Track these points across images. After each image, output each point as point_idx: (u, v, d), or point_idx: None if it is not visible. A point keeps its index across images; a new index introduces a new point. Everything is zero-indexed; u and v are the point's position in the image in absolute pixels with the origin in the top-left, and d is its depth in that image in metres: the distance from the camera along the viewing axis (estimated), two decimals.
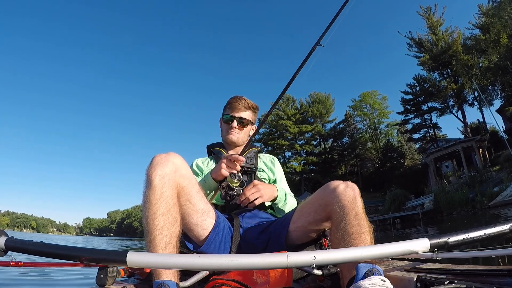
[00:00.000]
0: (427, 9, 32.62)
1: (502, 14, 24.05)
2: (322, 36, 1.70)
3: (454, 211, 19.30)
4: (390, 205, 27.55)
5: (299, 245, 1.44)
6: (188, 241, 1.42)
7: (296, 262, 0.85)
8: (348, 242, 1.11)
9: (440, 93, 31.46)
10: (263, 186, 1.57)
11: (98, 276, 1.13)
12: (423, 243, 0.99)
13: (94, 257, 0.93)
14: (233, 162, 1.53)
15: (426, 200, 23.33)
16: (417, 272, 1.11)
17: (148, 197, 1.15)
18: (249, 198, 1.51)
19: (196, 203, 1.34)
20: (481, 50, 26.14)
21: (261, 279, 1.19)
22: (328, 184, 1.31)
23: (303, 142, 46.10)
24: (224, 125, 1.90)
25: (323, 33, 1.71)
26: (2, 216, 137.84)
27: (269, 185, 1.64)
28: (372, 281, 0.87)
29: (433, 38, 31.81)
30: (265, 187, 1.57)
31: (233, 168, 1.54)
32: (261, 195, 1.53)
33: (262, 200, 1.55)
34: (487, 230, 1.09)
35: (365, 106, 43.72)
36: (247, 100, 1.89)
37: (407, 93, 36.17)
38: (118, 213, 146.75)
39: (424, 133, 36.82)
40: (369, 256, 0.91)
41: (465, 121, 31.47)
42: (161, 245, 1.08)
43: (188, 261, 0.84)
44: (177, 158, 1.27)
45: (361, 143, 43.93)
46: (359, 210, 1.17)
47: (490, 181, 19.38)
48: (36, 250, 0.95)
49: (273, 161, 1.97)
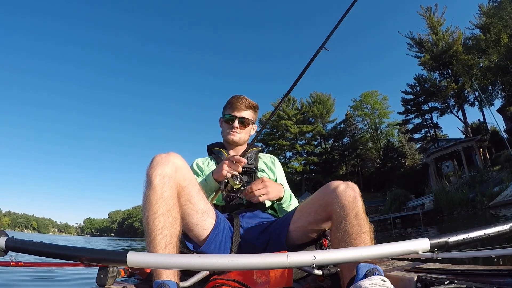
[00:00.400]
0: (427, 9, 32.57)
1: (502, 14, 24.02)
2: (327, 40, 1.69)
3: (454, 211, 19.30)
4: (391, 205, 27.55)
5: (299, 245, 1.43)
6: (188, 241, 1.42)
7: (296, 262, 0.85)
8: (349, 242, 1.11)
9: (441, 93, 31.43)
10: (271, 183, 1.56)
11: (98, 276, 1.12)
12: (423, 243, 0.99)
13: (94, 257, 0.94)
14: (235, 163, 1.53)
15: (427, 200, 23.33)
16: (417, 272, 1.11)
17: (149, 197, 1.15)
18: (255, 193, 1.50)
19: (197, 203, 1.34)
20: (481, 50, 26.10)
21: (261, 279, 1.19)
22: (328, 184, 1.30)
23: (303, 142, 46.08)
24: (225, 124, 1.88)
25: (327, 37, 1.69)
26: (3, 216, 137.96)
27: (277, 184, 1.62)
28: (373, 281, 0.87)
29: (433, 38, 31.77)
30: (273, 185, 1.56)
31: (235, 170, 1.54)
32: (267, 192, 1.52)
33: (267, 198, 1.54)
34: (487, 230, 1.09)
35: (365, 106, 43.69)
36: (247, 99, 1.87)
37: (407, 93, 36.16)
38: (119, 213, 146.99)
39: (424, 133, 36.81)
40: (369, 256, 0.91)
41: (465, 121, 31.44)
42: (161, 245, 1.08)
43: (188, 261, 0.85)
44: (177, 158, 1.27)
45: (362, 143, 43.90)
46: (359, 210, 1.17)
47: (491, 181, 19.37)
48: (36, 250, 0.95)
49: (274, 161, 1.97)
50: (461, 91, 29.80)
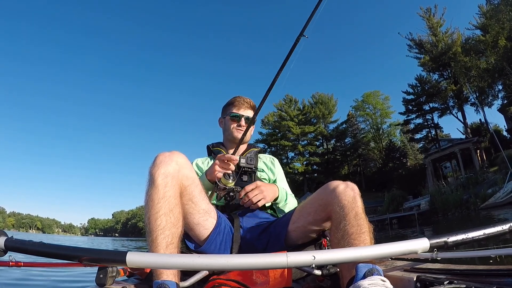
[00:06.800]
0: (427, 10, 32.43)
1: (499, 16, 23.86)
2: (305, 27, 1.65)
3: (449, 212, 19.34)
4: (389, 205, 27.56)
5: (299, 245, 1.44)
6: (189, 240, 1.42)
7: (296, 262, 0.85)
8: (348, 242, 1.11)
9: (440, 94, 31.30)
10: (266, 187, 1.56)
11: (98, 276, 1.12)
12: (422, 243, 0.99)
13: (94, 257, 0.94)
14: (226, 162, 1.52)
15: (423, 201, 23.39)
16: (416, 272, 1.11)
17: (151, 196, 1.15)
18: (252, 200, 1.51)
19: (199, 203, 1.34)
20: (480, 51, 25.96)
21: (260, 279, 1.19)
22: (328, 184, 1.30)
23: (306, 142, 46.01)
24: (230, 123, 1.88)
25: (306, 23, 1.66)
26: (8, 217, 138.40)
27: (270, 184, 1.64)
28: (372, 281, 0.87)
29: (433, 39, 31.64)
30: (267, 188, 1.57)
31: (227, 169, 1.52)
32: (264, 196, 1.53)
33: (265, 202, 1.55)
34: (486, 230, 1.09)
35: (367, 106, 43.59)
36: (250, 100, 1.91)
37: (408, 93, 36.03)
38: (123, 214, 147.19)
39: (426, 133, 36.72)
40: (369, 256, 0.91)
41: (465, 122, 31.24)
42: (163, 245, 1.07)
43: (188, 261, 0.85)
44: (180, 157, 1.26)
45: (364, 143, 43.78)
46: (359, 210, 1.17)
47: (485, 183, 19.34)
48: (36, 250, 0.95)
49: (273, 161, 1.97)
50: (460, 92, 29.69)
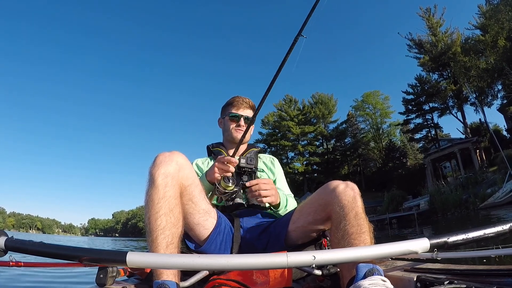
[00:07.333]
0: (427, 10, 32.41)
1: (499, 16, 23.84)
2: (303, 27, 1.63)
3: (448, 212, 19.38)
4: (388, 205, 27.61)
5: (299, 245, 1.43)
6: (189, 240, 1.42)
7: (296, 262, 0.85)
8: (348, 242, 1.11)
9: (440, 94, 31.28)
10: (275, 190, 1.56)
11: (98, 276, 1.12)
12: (423, 243, 0.99)
13: (94, 257, 0.94)
14: (225, 164, 1.49)
15: (422, 201, 23.42)
16: (417, 272, 1.11)
17: (151, 196, 1.15)
18: (262, 193, 1.49)
19: (199, 203, 1.34)
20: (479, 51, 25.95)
21: (261, 279, 1.19)
22: (328, 184, 1.30)
23: (306, 142, 46.03)
24: (230, 123, 1.86)
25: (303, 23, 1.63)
26: (8, 217, 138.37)
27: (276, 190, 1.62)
28: (372, 281, 0.87)
29: (433, 39, 31.61)
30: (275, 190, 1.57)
31: (226, 171, 1.50)
32: (272, 194, 1.52)
33: (270, 200, 1.53)
34: (486, 230, 1.08)
35: (367, 106, 43.56)
36: (250, 100, 1.89)
37: (408, 93, 36.00)
38: (123, 214, 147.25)
39: (425, 133, 36.70)
40: (369, 256, 0.91)
41: (465, 122, 31.22)
42: (163, 245, 1.07)
43: (188, 261, 0.85)
44: (180, 157, 1.26)
45: (364, 143, 43.77)
46: (359, 210, 1.16)
47: (485, 183, 19.38)
48: (36, 250, 0.95)
49: (273, 162, 1.96)
50: (460, 92, 29.68)
